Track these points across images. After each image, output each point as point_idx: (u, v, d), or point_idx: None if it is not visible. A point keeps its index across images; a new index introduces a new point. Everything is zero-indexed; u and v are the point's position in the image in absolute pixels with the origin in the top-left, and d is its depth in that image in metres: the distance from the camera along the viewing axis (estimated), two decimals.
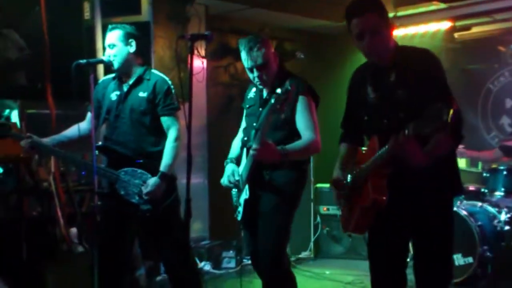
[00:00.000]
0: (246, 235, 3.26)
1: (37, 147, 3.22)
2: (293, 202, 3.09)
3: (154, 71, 3.27)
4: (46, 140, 3.29)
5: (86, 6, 4.22)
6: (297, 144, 2.96)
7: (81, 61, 3.02)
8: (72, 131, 3.35)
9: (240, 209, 3.10)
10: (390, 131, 2.30)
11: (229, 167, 3.18)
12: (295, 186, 3.07)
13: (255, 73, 3.04)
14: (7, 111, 4.42)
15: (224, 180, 3.17)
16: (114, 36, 3.19)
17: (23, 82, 4.19)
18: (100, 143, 3.27)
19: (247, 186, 3.03)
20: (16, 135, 3.34)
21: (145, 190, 3.09)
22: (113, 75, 3.34)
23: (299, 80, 3.06)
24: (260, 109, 3.07)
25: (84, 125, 3.33)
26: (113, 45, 3.17)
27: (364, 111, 2.57)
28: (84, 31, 4.22)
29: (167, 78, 3.25)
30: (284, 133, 3.01)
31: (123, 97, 3.21)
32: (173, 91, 3.22)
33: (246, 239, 3.28)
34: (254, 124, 3.06)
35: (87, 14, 4.23)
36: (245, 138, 3.16)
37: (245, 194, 3.05)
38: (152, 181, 3.10)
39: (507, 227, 4.46)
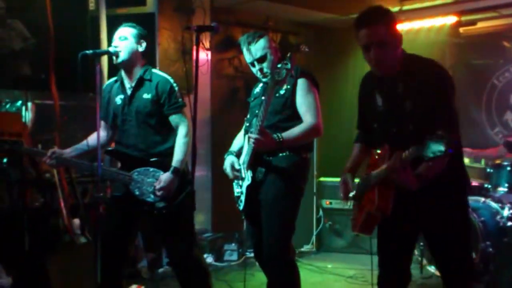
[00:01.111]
0: (248, 226, 3.26)
1: (61, 162, 3.24)
2: (296, 189, 3.07)
3: (154, 70, 3.26)
4: (68, 151, 3.28)
5: None
6: (295, 130, 2.95)
7: (87, 51, 3.01)
8: (92, 140, 3.33)
9: (243, 197, 3.09)
10: (399, 140, 2.40)
11: (229, 159, 3.20)
12: (295, 171, 3.04)
13: (256, 67, 3.09)
14: (19, 102, 4.42)
15: (226, 168, 3.19)
16: (128, 31, 3.19)
17: (27, 72, 4.18)
18: (110, 148, 3.28)
19: (249, 172, 3.03)
20: (34, 151, 3.37)
21: (158, 186, 3.09)
22: (115, 78, 3.34)
23: (299, 66, 3.07)
24: (263, 97, 3.06)
25: (101, 133, 3.32)
26: (125, 37, 3.17)
27: (374, 119, 2.62)
28: (88, 22, 4.20)
29: (168, 77, 3.25)
30: (284, 116, 3.01)
31: (128, 101, 3.21)
32: (176, 89, 3.21)
33: (249, 230, 3.28)
34: (257, 111, 3.05)
35: (92, 5, 4.21)
36: (247, 124, 3.19)
37: (247, 180, 3.04)
38: (165, 176, 3.10)
39: (510, 223, 4.45)
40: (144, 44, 3.23)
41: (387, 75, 2.50)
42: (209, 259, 5.18)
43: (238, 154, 3.23)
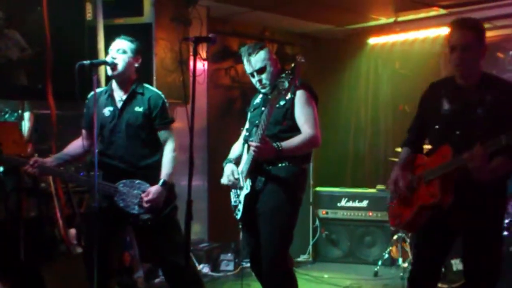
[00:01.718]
0: (245, 236, 3.27)
1: (44, 171, 3.24)
2: (294, 199, 3.09)
3: (146, 85, 3.31)
4: (51, 160, 3.29)
5: (89, 7, 4.21)
6: (293, 140, 2.99)
7: (84, 62, 3.02)
8: (75, 148, 3.34)
9: (240, 206, 3.10)
10: (461, 142, 2.63)
11: (228, 167, 3.21)
12: (294, 181, 3.07)
13: (256, 77, 3.14)
14: (19, 111, 4.42)
15: (224, 180, 3.20)
16: (127, 44, 3.22)
17: (24, 82, 4.18)
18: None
19: (248, 181, 3.05)
20: (14, 159, 3.33)
21: (146, 198, 3.10)
22: (104, 89, 3.35)
23: (300, 79, 3.07)
24: (263, 108, 3.10)
25: (79, 142, 3.33)
26: (124, 51, 3.19)
27: (436, 121, 2.82)
28: (86, 32, 4.21)
29: (160, 92, 3.30)
30: (284, 127, 3.04)
31: (118, 113, 3.22)
32: (167, 104, 3.29)
33: (245, 240, 3.29)
34: (257, 121, 3.09)
35: (89, 15, 4.22)
36: (247, 134, 3.21)
37: (246, 189, 3.06)
38: (154, 189, 3.12)
39: (505, 233, 4.46)
40: (140, 61, 3.29)
41: (464, 80, 2.74)
42: (205, 269, 5.17)
43: (236, 162, 3.25)
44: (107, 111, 3.25)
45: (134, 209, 3.13)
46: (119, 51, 3.19)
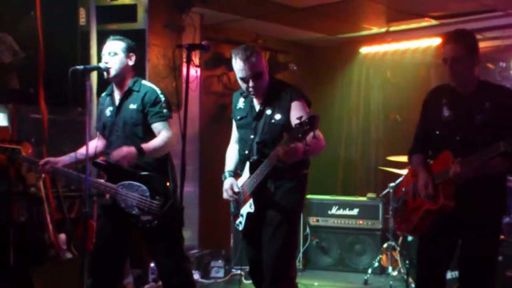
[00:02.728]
0: (246, 245, 3.23)
1: (55, 171, 3.30)
2: (299, 210, 3.15)
3: (144, 82, 3.30)
4: (64, 158, 3.33)
5: (82, 12, 4.22)
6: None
7: (77, 67, 3.03)
8: (89, 148, 3.34)
9: (242, 221, 3.09)
10: (461, 147, 2.72)
11: (227, 182, 3.14)
12: (298, 197, 3.07)
13: (251, 83, 2.96)
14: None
15: (224, 195, 3.16)
16: (117, 45, 3.22)
17: (15, 86, 4.18)
18: (97, 160, 3.30)
19: (251, 200, 3.01)
20: (31, 160, 3.42)
21: (115, 152, 3.09)
22: (108, 90, 3.37)
23: (292, 87, 3.06)
24: (255, 122, 3.05)
25: (98, 143, 3.39)
26: (115, 53, 3.20)
27: (437, 126, 2.90)
28: (79, 37, 4.22)
29: (156, 88, 3.28)
30: (281, 136, 2.88)
31: (115, 111, 3.24)
32: (162, 99, 3.23)
33: (246, 248, 3.25)
34: (252, 136, 3.04)
35: (82, 20, 4.23)
36: (246, 152, 3.09)
37: (249, 208, 3.02)
38: (126, 148, 3.10)
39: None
40: (133, 58, 3.28)
41: (460, 89, 2.82)
42: (195, 276, 5.14)
43: (235, 173, 3.21)
44: (108, 111, 3.30)
45: (134, 210, 3.15)
46: (111, 54, 3.20)
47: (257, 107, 3.08)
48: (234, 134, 3.30)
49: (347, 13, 5.48)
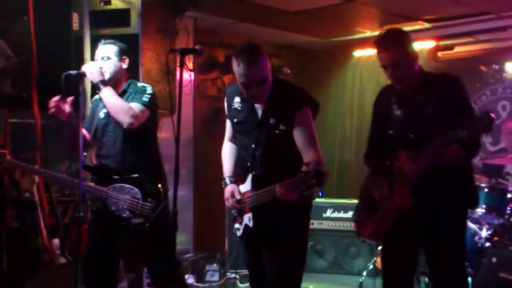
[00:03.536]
0: (245, 252, 3.11)
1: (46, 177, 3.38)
2: (304, 237, 2.99)
3: (139, 83, 3.29)
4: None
5: (75, 17, 4.21)
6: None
7: (71, 72, 3.03)
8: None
9: (241, 228, 2.99)
10: (415, 144, 2.62)
11: (228, 189, 2.98)
12: (304, 221, 2.97)
13: (254, 90, 2.72)
14: None
15: (226, 203, 3.01)
16: (110, 49, 3.22)
17: (8, 90, 4.16)
18: (90, 164, 3.30)
19: (251, 215, 2.89)
20: (14, 163, 3.43)
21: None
22: None
23: (298, 92, 2.88)
24: (257, 131, 2.87)
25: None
26: (108, 57, 3.20)
27: (389, 127, 2.83)
28: (72, 42, 4.21)
29: (148, 86, 3.27)
30: (284, 147, 2.83)
31: (108, 113, 3.23)
32: (148, 91, 3.19)
33: (245, 258, 3.13)
34: (253, 146, 2.89)
35: (75, 25, 4.22)
36: (249, 164, 2.92)
37: (248, 221, 2.91)
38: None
39: (488, 244, 4.52)
40: (127, 61, 3.28)
41: (408, 87, 2.77)
42: (190, 279, 5.14)
43: (235, 178, 3.03)
44: (102, 113, 3.29)
45: (125, 213, 3.14)
46: (104, 59, 3.20)
47: (259, 112, 2.87)
48: (228, 132, 3.13)
49: (341, 17, 5.50)
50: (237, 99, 2.96)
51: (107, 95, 3.09)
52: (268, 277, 2.91)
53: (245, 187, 2.96)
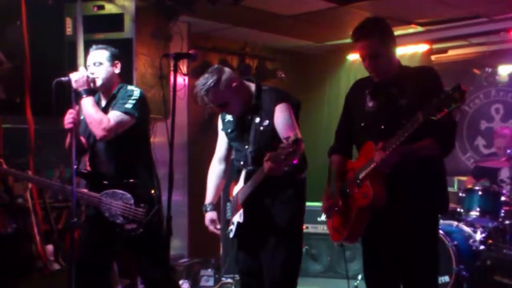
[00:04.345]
0: (238, 252, 3.19)
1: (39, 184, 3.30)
2: (298, 224, 3.09)
3: (129, 87, 3.26)
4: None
5: (69, 22, 4.20)
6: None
7: (62, 78, 3.02)
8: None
9: (233, 228, 3.06)
10: (386, 135, 2.50)
11: (208, 217, 3.17)
12: (297, 207, 3.05)
13: (219, 110, 3.07)
14: None
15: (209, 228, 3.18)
16: (101, 55, 3.20)
17: (1, 95, 4.15)
18: (83, 170, 3.27)
19: (242, 210, 2.97)
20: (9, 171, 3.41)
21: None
22: (95, 99, 3.34)
23: (275, 91, 3.04)
24: (246, 133, 3.02)
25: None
26: (100, 63, 3.18)
27: (361, 119, 2.74)
28: (65, 47, 4.20)
29: (137, 89, 3.23)
30: (272, 143, 2.86)
31: None
32: (135, 96, 3.14)
33: (238, 256, 3.20)
34: (246, 147, 3.02)
35: (69, 30, 4.21)
36: (242, 163, 3.07)
37: (239, 217, 2.99)
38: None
39: (482, 247, 4.53)
40: (119, 65, 3.25)
41: (384, 80, 2.66)
42: (185, 285, 5.12)
43: (216, 204, 3.21)
44: None
45: (119, 219, 3.13)
46: (96, 64, 3.18)
47: (247, 117, 3.04)
48: (218, 152, 3.27)
49: (334, 21, 5.52)
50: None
51: (86, 105, 3.08)
52: (265, 269, 2.98)
53: (239, 185, 3.06)
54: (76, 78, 3.07)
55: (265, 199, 2.97)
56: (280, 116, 2.92)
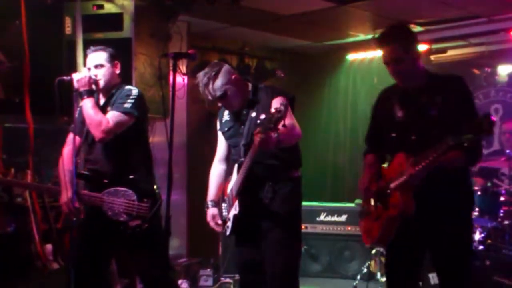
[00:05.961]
0: (236, 247, 3.21)
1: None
2: (298, 218, 3.14)
3: (127, 86, 3.27)
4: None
5: (68, 21, 4.20)
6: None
7: (64, 77, 3.02)
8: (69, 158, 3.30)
9: (229, 224, 3.08)
10: (417, 146, 2.57)
11: (209, 213, 3.21)
12: (296, 202, 3.11)
13: (220, 104, 3.14)
14: None
15: (210, 224, 3.22)
16: (101, 56, 3.20)
17: (0, 95, 4.15)
18: (83, 171, 3.27)
19: (237, 202, 3.00)
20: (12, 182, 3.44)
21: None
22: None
23: (272, 87, 3.13)
24: (242, 126, 3.09)
25: (68, 148, 3.32)
26: (101, 65, 3.18)
27: (392, 129, 2.79)
28: (65, 46, 4.20)
29: (134, 88, 3.23)
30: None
31: None
32: (134, 95, 3.15)
33: (236, 251, 3.23)
34: (243, 142, 3.06)
35: (68, 29, 4.21)
36: (235, 157, 3.14)
37: (234, 210, 3.02)
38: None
39: (481, 247, 4.53)
40: (119, 66, 3.26)
41: (411, 87, 2.72)
42: (184, 284, 5.12)
43: (217, 201, 3.23)
44: None
45: (122, 217, 3.12)
46: (97, 67, 3.18)
47: (243, 112, 3.12)
48: (219, 152, 3.31)
49: (334, 20, 5.52)
50: (226, 112, 3.24)
51: (87, 106, 3.09)
52: (268, 265, 3.01)
53: (232, 180, 3.09)
54: (78, 78, 3.08)
55: (261, 194, 3.01)
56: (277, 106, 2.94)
